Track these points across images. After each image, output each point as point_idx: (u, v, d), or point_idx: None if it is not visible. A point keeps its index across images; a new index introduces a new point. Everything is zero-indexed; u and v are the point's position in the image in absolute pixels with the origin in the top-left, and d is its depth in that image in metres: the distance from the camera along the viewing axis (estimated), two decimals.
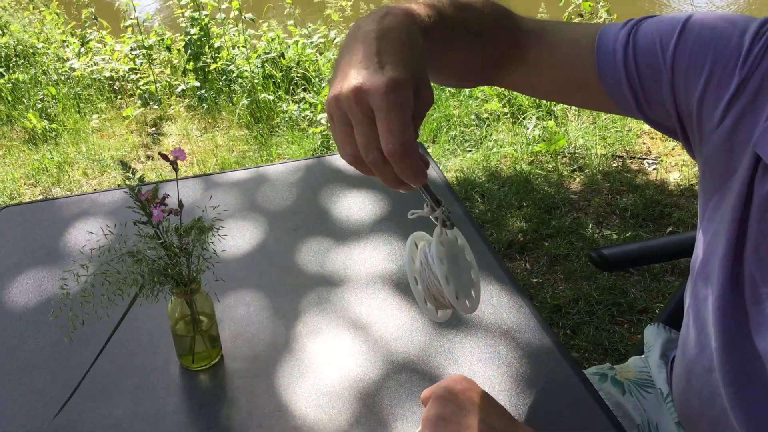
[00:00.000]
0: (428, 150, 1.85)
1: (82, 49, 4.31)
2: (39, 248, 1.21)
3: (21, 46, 4.32)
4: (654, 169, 3.11)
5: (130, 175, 0.78)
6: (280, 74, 3.86)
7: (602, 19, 3.80)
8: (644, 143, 3.33)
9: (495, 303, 1.07)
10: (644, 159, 3.21)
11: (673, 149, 3.24)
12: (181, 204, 0.83)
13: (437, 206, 0.68)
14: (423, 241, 0.74)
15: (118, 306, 0.86)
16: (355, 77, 0.59)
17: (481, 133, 3.44)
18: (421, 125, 0.64)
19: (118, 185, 3.14)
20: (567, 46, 0.83)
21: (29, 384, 0.95)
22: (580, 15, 3.88)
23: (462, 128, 3.48)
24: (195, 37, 3.95)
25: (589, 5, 3.84)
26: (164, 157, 0.79)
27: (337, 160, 1.46)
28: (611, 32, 0.80)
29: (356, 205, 1.31)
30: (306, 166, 1.45)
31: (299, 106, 3.64)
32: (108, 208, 1.32)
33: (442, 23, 0.73)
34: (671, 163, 3.14)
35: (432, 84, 0.67)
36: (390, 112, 0.57)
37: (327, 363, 0.98)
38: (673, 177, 3.04)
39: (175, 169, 0.81)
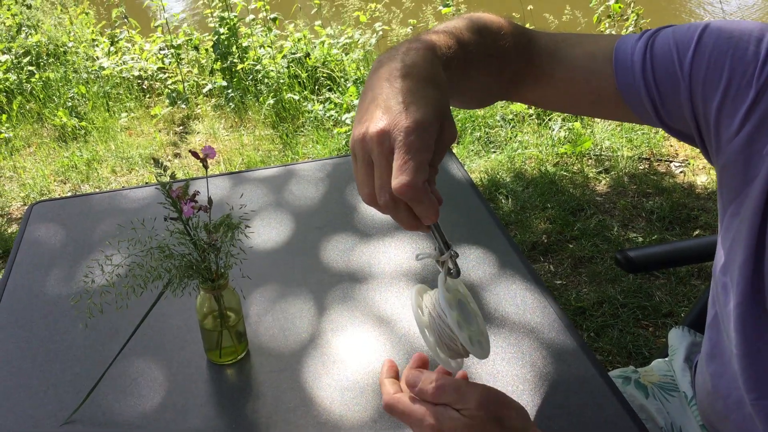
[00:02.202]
0: (453, 151, 1.86)
1: (112, 49, 4.38)
2: (70, 243, 1.24)
3: (52, 45, 4.40)
4: (681, 172, 3.08)
5: (162, 172, 0.79)
6: (306, 74, 3.88)
7: (632, 22, 3.77)
8: (671, 146, 3.30)
9: (519, 303, 1.07)
10: (671, 162, 3.18)
11: (700, 152, 3.20)
12: (210, 201, 0.84)
13: (446, 249, 0.66)
14: (428, 292, 0.72)
15: (147, 300, 0.88)
16: (380, 118, 0.60)
17: (506, 134, 3.44)
18: (442, 158, 0.64)
19: (146, 183, 3.19)
20: (583, 59, 0.84)
21: (59, 374, 0.97)
22: (609, 16, 3.85)
23: (487, 129, 3.47)
24: (223, 36, 3.99)
25: (619, 6, 3.80)
26: (194, 154, 0.81)
27: None
28: (628, 44, 0.81)
29: None
30: (333, 165, 1.47)
31: (324, 106, 3.66)
32: (137, 204, 1.34)
33: (462, 51, 0.73)
34: (698, 166, 3.11)
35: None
36: (407, 153, 0.58)
37: (351, 359, 0.99)
38: (701, 180, 3.01)
39: (205, 167, 0.82)
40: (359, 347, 1.01)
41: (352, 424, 0.89)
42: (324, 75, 3.91)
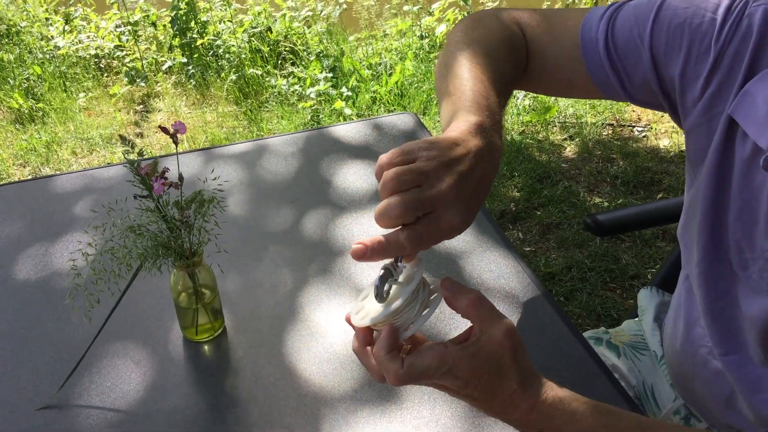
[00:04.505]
0: (422, 121, 1.85)
1: (67, 27, 4.26)
2: (36, 226, 1.21)
3: (4, 25, 4.26)
4: (644, 137, 3.13)
5: (131, 149, 0.78)
6: (268, 49, 3.82)
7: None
8: (634, 111, 3.35)
9: (494, 269, 1.08)
10: (634, 126, 3.22)
11: (662, 116, 3.25)
12: (181, 177, 0.83)
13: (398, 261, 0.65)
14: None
15: (123, 281, 0.87)
16: (457, 208, 0.61)
17: None
18: None
19: (108, 163, 3.13)
20: (555, 48, 0.87)
21: (34, 359, 0.95)
22: None
23: None
24: (181, 12, 3.90)
25: None
26: (164, 130, 0.80)
27: (335, 132, 1.47)
28: (593, 22, 0.83)
29: (354, 176, 1.32)
30: (303, 138, 1.45)
31: (288, 81, 3.62)
32: (103, 185, 1.32)
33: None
34: (661, 131, 3.16)
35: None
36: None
37: (330, 331, 0.99)
38: (663, 144, 3.06)
39: (176, 143, 0.81)
40: (337, 320, 1.01)
41: (333, 396, 0.89)
42: (286, 49, 3.86)
